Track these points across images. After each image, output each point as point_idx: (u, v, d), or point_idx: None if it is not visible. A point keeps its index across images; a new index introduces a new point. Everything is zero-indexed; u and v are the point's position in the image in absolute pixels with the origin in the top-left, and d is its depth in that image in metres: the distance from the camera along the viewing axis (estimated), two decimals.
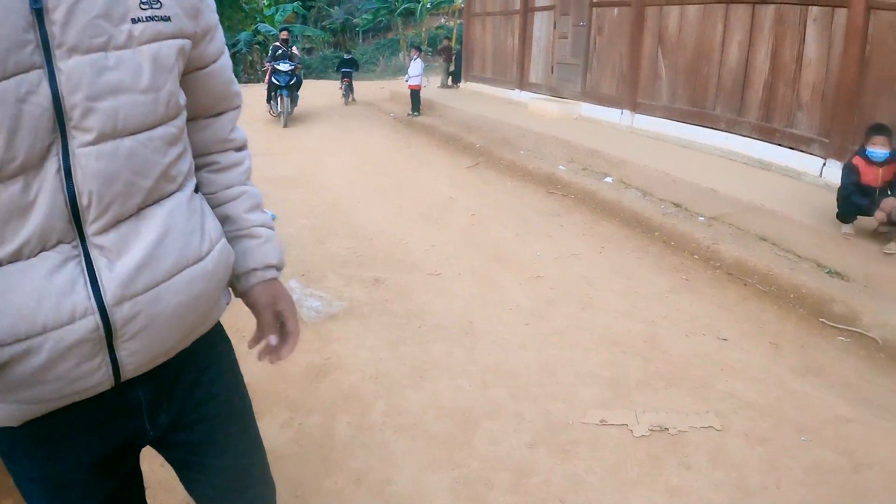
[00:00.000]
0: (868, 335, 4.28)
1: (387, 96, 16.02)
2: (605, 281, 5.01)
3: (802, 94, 7.18)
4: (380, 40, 34.35)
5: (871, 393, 3.69)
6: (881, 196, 5.11)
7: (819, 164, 6.97)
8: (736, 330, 4.31)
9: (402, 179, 8.24)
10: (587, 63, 11.01)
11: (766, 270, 5.05)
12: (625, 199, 6.76)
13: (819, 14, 6.93)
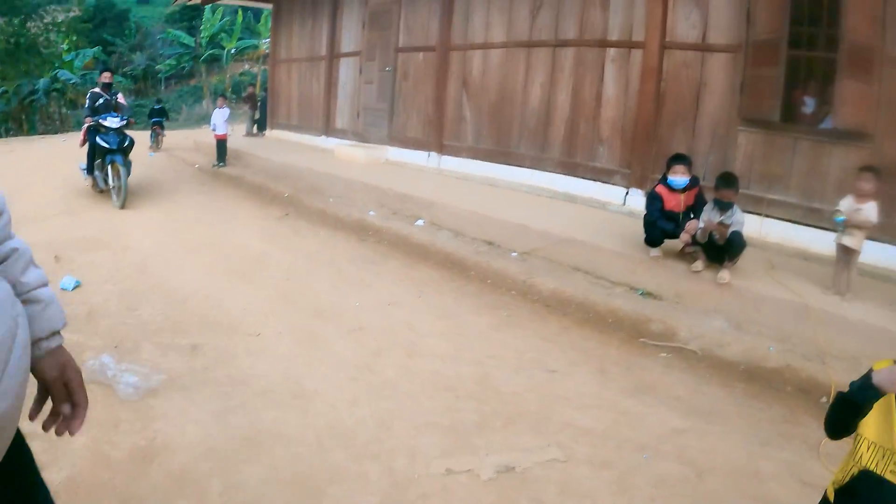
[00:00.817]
0: (687, 348, 4.62)
1: (191, 146, 15.08)
2: (428, 326, 4.99)
3: (603, 130, 7.93)
4: (183, 87, 32.74)
5: (700, 402, 3.96)
6: (684, 220, 5.58)
7: (622, 194, 7.66)
8: (563, 360, 4.43)
9: (212, 235, 7.71)
10: (393, 107, 11.09)
11: (583, 299, 5.27)
12: (438, 241, 6.84)
13: (616, 55, 7.73)
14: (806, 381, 4.32)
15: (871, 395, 1.57)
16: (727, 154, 6.78)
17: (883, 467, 1.60)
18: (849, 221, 4.89)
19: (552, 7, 8.41)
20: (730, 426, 3.71)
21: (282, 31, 15.34)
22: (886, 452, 1.60)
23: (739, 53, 6.64)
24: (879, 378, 1.56)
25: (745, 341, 4.65)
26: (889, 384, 1.54)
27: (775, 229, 6.34)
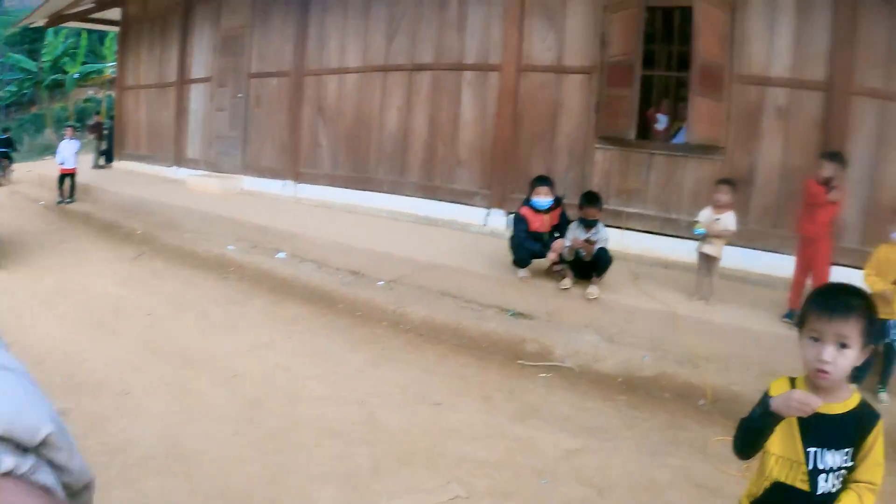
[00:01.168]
0: (565, 366, 4.67)
1: (35, 180, 13.63)
2: (305, 367, 4.71)
3: (462, 152, 8.02)
4: (24, 115, 29.87)
5: (586, 419, 3.99)
6: (550, 239, 5.70)
7: (483, 215, 7.74)
8: (446, 391, 4.33)
9: (64, 282, 6.91)
10: (247, 135, 10.61)
11: (456, 325, 5.23)
12: (302, 275, 6.54)
13: (474, 78, 7.87)
14: (682, 387, 4.53)
15: (773, 420, 1.71)
16: (585, 171, 7.07)
17: (793, 477, 1.77)
18: (709, 231, 5.21)
19: (408, 31, 8.43)
20: (619, 440, 3.76)
21: (129, 56, 14.30)
22: (793, 464, 1.77)
23: (594, 74, 7.00)
24: (777, 404, 1.69)
25: (620, 353, 4.80)
26: (786, 409, 1.68)
27: (635, 241, 6.64)
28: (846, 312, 1.71)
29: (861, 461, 1.76)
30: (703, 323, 5.10)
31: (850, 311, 1.72)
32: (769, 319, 5.26)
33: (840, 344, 1.71)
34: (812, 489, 1.75)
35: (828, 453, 1.75)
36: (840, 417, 1.75)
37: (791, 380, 1.86)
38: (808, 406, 1.66)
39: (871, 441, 1.75)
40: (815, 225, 5.20)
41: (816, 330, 1.73)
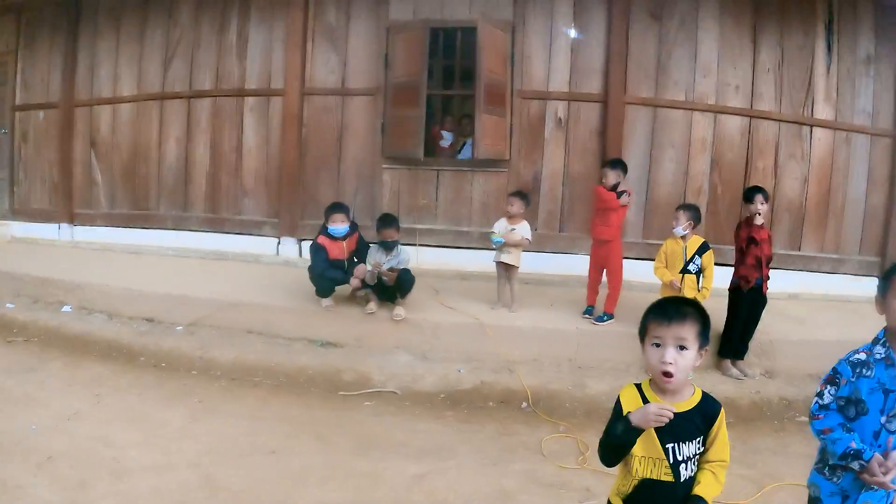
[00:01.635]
0: (386, 391, 4.71)
1: None
2: (123, 435, 4.19)
3: (247, 181, 7.79)
4: None
5: (423, 441, 4.05)
6: (351, 265, 5.74)
7: (274, 244, 7.55)
8: (277, 436, 4.11)
9: None
10: (14, 176, 9.54)
11: (268, 364, 5.06)
12: (94, 328, 5.91)
13: (256, 104, 7.64)
14: (503, 393, 4.79)
15: (637, 433, 1.94)
16: (374, 193, 7.20)
17: (657, 473, 2.00)
18: (506, 241, 5.57)
19: (185, 56, 8.02)
20: (459, 456, 3.86)
21: None
22: (656, 461, 2.00)
23: (379, 96, 7.22)
24: (637, 420, 1.91)
25: (436, 370, 4.96)
26: (646, 422, 1.91)
27: (431, 256, 6.88)
28: (683, 318, 1.96)
29: (711, 445, 2.04)
30: (510, 329, 5.40)
31: (685, 317, 1.96)
32: (571, 317, 5.76)
33: (679, 346, 1.94)
34: (676, 479, 2.00)
35: (684, 445, 2.01)
36: (689, 413, 2.00)
37: (637, 385, 2.08)
38: (664, 416, 1.89)
39: (717, 427, 2.04)
40: (609, 228, 5.66)
41: (658, 336, 1.97)
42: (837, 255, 7.63)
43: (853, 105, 7.64)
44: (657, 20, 6.95)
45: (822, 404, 2.36)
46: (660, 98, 6.90)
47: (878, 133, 7.73)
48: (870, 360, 2.32)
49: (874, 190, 7.76)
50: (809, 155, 7.36)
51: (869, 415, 2.29)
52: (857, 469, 2.25)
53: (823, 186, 7.45)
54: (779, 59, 7.27)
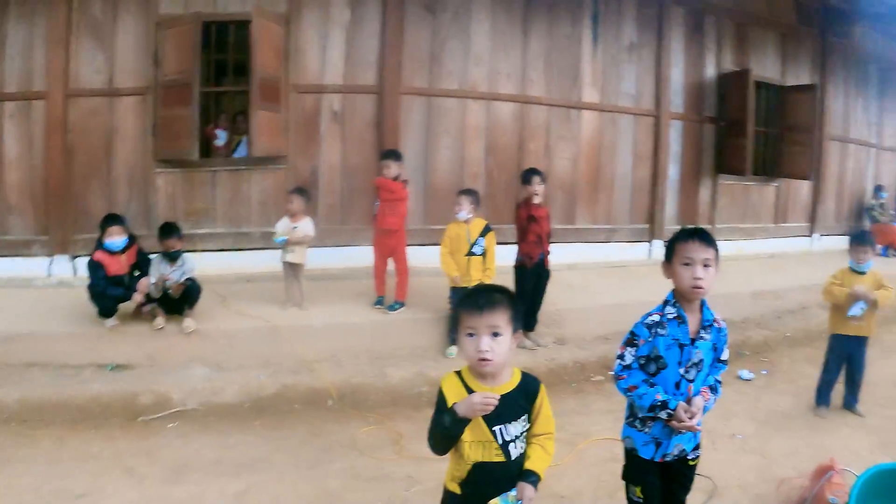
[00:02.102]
0: (188, 409, 4.57)
1: None
2: None
3: (10, 196, 7.10)
4: None
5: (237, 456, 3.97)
6: (132, 280, 5.50)
7: (46, 264, 6.97)
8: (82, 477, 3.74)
9: None
10: None
11: (59, 398, 4.63)
12: None
13: (16, 109, 7.00)
14: (307, 394, 4.80)
15: (465, 423, 2.06)
16: (148, 199, 6.98)
17: (489, 455, 2.13)
18: (290, 240, 5.66)
19: None
20: (277, 466, 3.89)
21: None
22: (486, 444, 2.13)
23: (149, 95, 7.00)
24: (464, 411, 2.03)
25: (235, 380, 4.87)
26: (473, 412, 2.03)
27: (213, 262, 6.70)
28: (493, 306, 2.06)
29: (536, 420, 2.21)
30: (304, 328, 5.48)
31: (496, 305, 2.07)
32: (362, 309, 5.93)
33: (493, 334, 2.05)
34: (507, 458, 2.14)
35: (510, 425, 2.14)
36: (511, 394, 2.15)
37: (457, 373, 2.20)
38: (490, 404, 2.01)
39: (540, 402, 2.21)
40: (396, 217, 5.92)
41: (471, 326, 2.07)
42: (610, 226, 8.63)
43: (618, 88, 8.60)
44: (431, 13, 7.43)
45: (624, 365, 2.62)
46: (434, 88, 7.42)
47: (642, 113, 8.74)
48: (663, 319, 2.58)
49: (640, 164, 8.73)
50: (579, 136, 8.25)
51: (669, 368, 2.58)
52: (666, 417, 2.52)
53: (593, 164, 8.33)
54: (548, 48, 8.06)
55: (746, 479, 4.13)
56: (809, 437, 4.83)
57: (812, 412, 5.25)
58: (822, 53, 11.45)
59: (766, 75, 10.39)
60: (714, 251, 2.53)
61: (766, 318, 7.60)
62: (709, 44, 9.63)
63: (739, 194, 10.35)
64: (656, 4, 8.89)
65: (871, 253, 5.16)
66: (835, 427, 5.07)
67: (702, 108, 9.61)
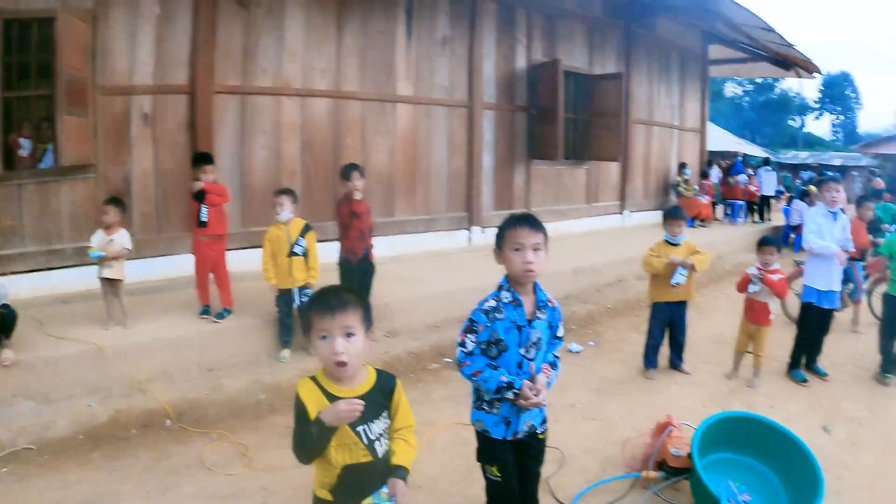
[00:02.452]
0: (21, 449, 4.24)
1: None
2: None
3: None
4: None
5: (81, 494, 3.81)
6: None
7: None
8: None
9: None
10: None
11: None
12: None
13: None
14: (143, 416, 4.68)
15: (332, 431, 2.13)
16: None
17: (356, 456, 2.20)
18: (106, 254, 5.44)
19: None
20: (127, 498, 3.75)
21: None
22: (352, 446, 2.19)
23: None
24: (330, 418, 2.09)
25: (65, 411, 4.63)
26: (339, 420, 2.10)
27: (24, 284, 6.37)
28: (345, 306, 2.12)
29: (395, 415, 2.33)
30: (130, 347, 5.28)
31: (348, 305, 2.13)
32: (189, 321, 5.84)
33: (347, 334, 2.12)
34: (374, 457, 2.23)
35: (373, 424, 2.24)
36: (370, 393, 2.23)
37: (313, 378, 2.23)
38: (356, 410, 2.10)
39: (398, 397, 2.33)
40: (222, 223, 6.02)
41: (324, 329, 2.11)
42: (429, 216, 9.47)
43: (432, 81, 9.33)
44: (244, 8, 7.60)
45: (466, 351, 2.77)
46: (249, 85, 7.66)
47: (455, 104, 9.55)
48: (499, 304, 2.75)
49: (455, 154, 9.55)
50: (395, 129, 8.95)
51: (509, 350, 2.76)
52: (513, 397, 2.72)
53: (410, 156, 9.06)
54: (363, 43, 8.61)
55: (592, 445, 4.52)
56: (643, 398, 5.41)
57: (642, 375, 5.92)
58: (628, 43, 13.00)
59: (575, 65, 11.67)
60: (543, 235, 2.72)
61: (586, 292, 8.46)
62: (520, 36, 10.65)
63: (552, 178, 11.56)
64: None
65: (684, 225, 5.86)
66: (665, 386, 5.71)
67: (514, 98, 10.63)
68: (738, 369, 6.02)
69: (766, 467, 4.02)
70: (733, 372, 6.00)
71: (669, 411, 4.38)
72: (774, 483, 3.97)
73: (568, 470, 4.16)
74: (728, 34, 14.75)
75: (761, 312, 5.81)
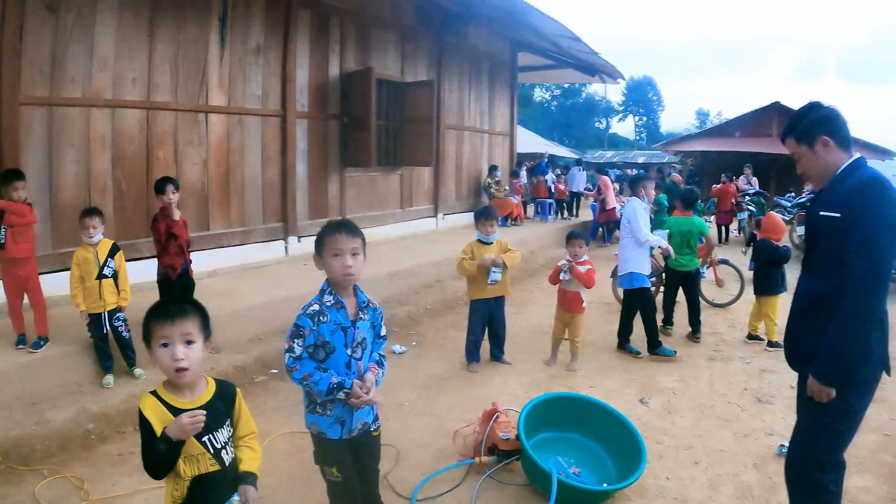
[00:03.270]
0: None
1: None
2: None
3: None
4: None
5: None
6: None
7: None
8: None
9: None
10: None
11: None
12: None
13: None
14: None
15: (180, 445, 2.30)
16: None
17: (204, 466, 2.40)
18: None
19: None
20: None
21: None
22: (198, 457, 2.39)
23: None
24: (175, 433, 2.25)
25: None
26: (185, 433, 2.27)
27: None
28: (185, 314, 2.35)
29: (238, 422, 2.57)
30: None
31: (187, 313, 2.37)
32: (4, 352, 5.80)
33: (187, 342, 2.34)
34: (222, 465, 2.44)
35: (217, 433, 2.44)
36: (211, 402, 2.44)
37: (153, 393, 2.40)
38: (199, 422, 2.28)
39: (239, 405, 2.57)
40: (27, 244, 6.06)
41: (164, 336, 2.32)
42: (245, 228, 10.18)
43: (245, 90, 10.08)
44: (54, 13, 7.60)
45: (295, 356, 2.99)
46: (56, 96, 7.73)
47: (269, 114, 10.36)
48: (323, 308, 3.02)
49: (269, 164, 10.38)
50: (207, 140, 9.52)
51: (337, 351, 3.04)
52: (344, 397, 3.00)
53: (223, 167, 9.76)
54: (175, 52, 9.04)
55: (424, 439, 4.99)
56: (469, 391, 6.03)
57: (466, 370, 6.62)
58: (439, 51, 14.43)
59: (388, 73, 12.88)
60: (360, 240, 3.03)
61: (405, 294, 9.39)
62: (333, 45, 11.63)
63: (366, 185, 12.68)
64: (283, 7, 10.45)
65: (496, 224, 6.65)
66: (489, 378, 6.40)
67: (327, 106, 11.57)
68: (556, 355, 6.95)
69: (591, 441, 4.59)
70: (552, 358, 6.93)
71: (495, 399, 4.94)
72: (601, 454, 4.52)
73: (405, 465, 4.63)
74: (536, 43, 16.72)
75: (574, 301, 6.72)
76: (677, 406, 5.89)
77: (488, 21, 14.77)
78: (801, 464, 3.21)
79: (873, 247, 2.82)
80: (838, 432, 3.12)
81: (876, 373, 3.08)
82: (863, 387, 3.06)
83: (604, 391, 6.07)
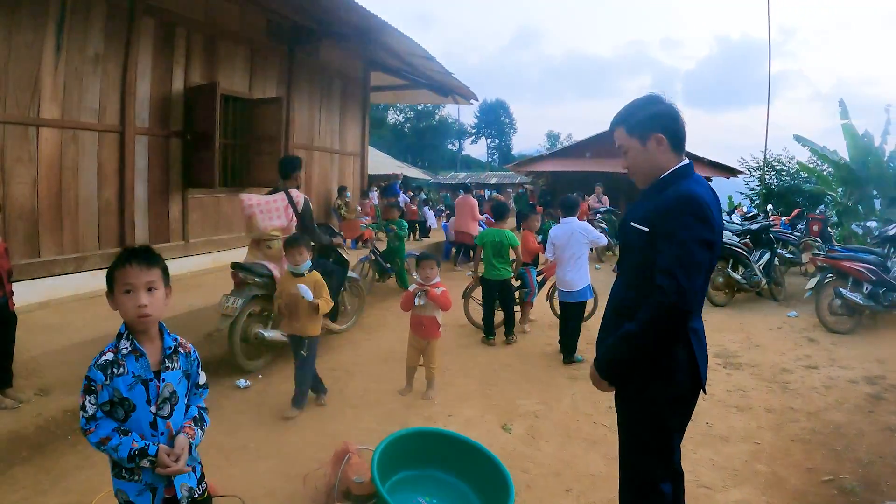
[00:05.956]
0: None
1: None
2: None
3: None
4: None
5: None
6: None
7: None
8: None
9: None
10: None
11: None
12: None
13: None
14: None
15: None
16: None
17: None
18: None
19: None
20: None
21: None
22: None
23: None
24: None
25: None
26: None
27: None
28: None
29: None
30: None
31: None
32: None
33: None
34: None
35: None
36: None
37: None
38: None
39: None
40: None
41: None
42: (79, 254, 9.91)
43: (81, 103, 9.88)
44: None
45: (88, 416, 2.63)
46: None
47: (106, 129, 10.20)
48: (118, 357, 2.67)
49: (106, 184, 10.21)
50: (38, 156, 9.20)
51: (138, 410, 2.67)
52: (149, 465, 2.64)
53: (55, 187, 9.52)
54: (6, 57, 8.69)
55: (272, 485, 4.76)
56: (320, 427, 5.87)
57: (314, 404, 6.45)
58: (290, 68, 14.70)
59: (235, 88, 13.00)
60: (159, 270, 2.71)
61: None
62: (178, 57, 11.59)
63: (211, 207, 12.67)
64: (126, 14, 10.28)
65: (307, 254, 6.23)
66: (339, 412, 6.29)
67: (169, 123, 11.49)
68: (411, 384, 6.99)
69: (454, 477, 4.45)
70: (407, 387, 6.97)
71: (348, 437, 4.94)
72: (465, 491, 4.38)
73: None
74: (390, 62, 17.30)
75: (430, 326, 6.81)
76: (541, 431, 5.99)
77: (340, 38, 15.08)
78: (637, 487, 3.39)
79: (679, 268, 2.84)
80: (659, 450, 3.23)
81: (685, 391, 3.13)
82: (675, 404, 3.15)
83: (463, 419, 6.19)
